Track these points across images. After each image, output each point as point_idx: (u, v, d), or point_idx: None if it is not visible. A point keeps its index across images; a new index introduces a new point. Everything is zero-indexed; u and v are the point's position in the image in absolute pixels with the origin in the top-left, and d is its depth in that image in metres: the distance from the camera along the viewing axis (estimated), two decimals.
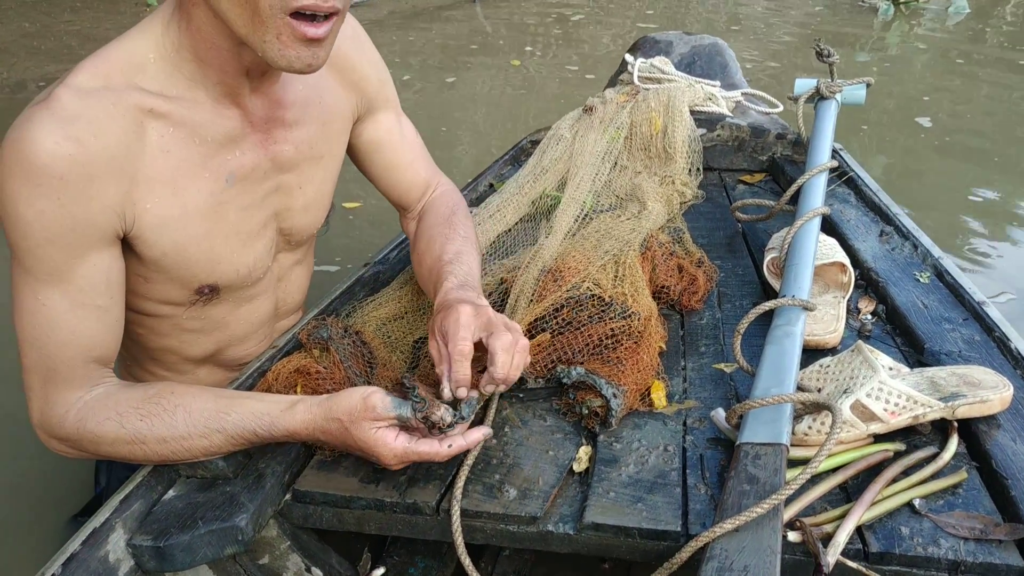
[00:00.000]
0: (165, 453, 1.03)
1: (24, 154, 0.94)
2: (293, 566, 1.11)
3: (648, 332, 1.26)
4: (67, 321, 1.02)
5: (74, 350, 1.04)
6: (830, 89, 2.05)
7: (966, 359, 1.24)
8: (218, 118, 1.10)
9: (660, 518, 0.98)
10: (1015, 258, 3.29)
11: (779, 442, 1.01)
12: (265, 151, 1.17)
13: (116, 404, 1.04)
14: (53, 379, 1.04)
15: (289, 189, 1.24)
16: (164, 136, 1.05)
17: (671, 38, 2.54)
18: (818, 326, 1.34)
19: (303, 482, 1.08)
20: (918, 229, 1.66)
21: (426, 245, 1.36)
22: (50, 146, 0.94)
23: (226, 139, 1.12)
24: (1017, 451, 1.04)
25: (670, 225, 1.71)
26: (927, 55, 6.68)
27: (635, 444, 1.11)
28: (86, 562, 0.93)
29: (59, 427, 1.04)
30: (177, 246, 1.10)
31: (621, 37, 7.46)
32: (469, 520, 1.01)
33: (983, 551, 0.91)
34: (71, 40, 6.61)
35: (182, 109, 1.06)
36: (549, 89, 5.71)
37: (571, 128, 2.09)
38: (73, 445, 1.06)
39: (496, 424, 1.17)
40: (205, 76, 1.06)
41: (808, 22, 8.29)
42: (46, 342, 1.02)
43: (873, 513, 0.96)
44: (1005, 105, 5.40)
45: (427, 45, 6.98)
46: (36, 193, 0.95)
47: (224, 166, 1.12)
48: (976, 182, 3.96)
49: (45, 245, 0.98)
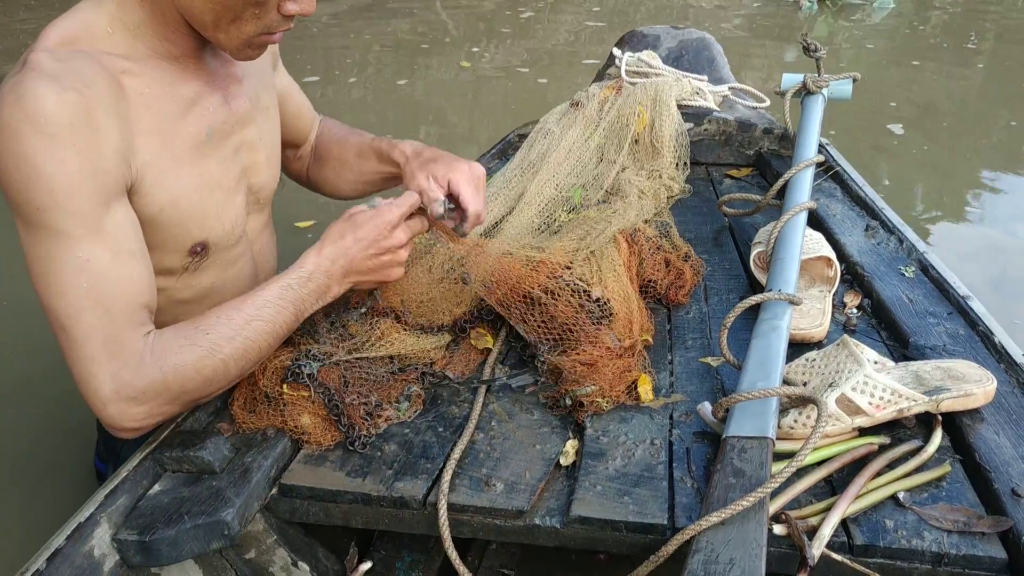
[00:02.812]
0: (239, 352, 1.08)
1: (29, 110, 0.95)
2: (279, 560, 1.10)
3: (622, 315, 1.26)
4: (113, 271, 1.02)
5: (128, 297, 1.04)
6: (817, 84, 2.05)
7: (950, 353, 1.25)
8: (183, 79, 1.15)
9: (646, 511, 0.98)
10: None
11: (765, 436, 1.01)
12: (228, 107, 1.23)
13: (177, 334, 1.07)
14: (117, 335, 1.02)
15: (252, 144, 1.30)
16: (143, 93, 1.09)
17: (658, 32, 2.54)
18: (804, 320, 1.34)
19: (290, 476, 1.08)
20: (903, 224, 1.67)
21: (340, 141, 1.58)
22: (52, 96, 0.96)
23: (195, 96, 1.17)
24: (1000, 444, 1.05)
25: (657, 219, 1.72)
26: (852, 51, 6.75)
27: (622, 438, 1.11)
28: (70, 557, 0.92)
29: (140, 377, 1.02)
30: (172, 198, 1.13)
31: (574, 33, 7.48)
32: (456, 514, 1.01)
33: (966, 543, 0.92)
34: (28, 39, 6.57)
35: (149, 71, 1.11)
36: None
37: (558, 122, 2.09)
38: (160, 391, 1.04)
39: (483, 418, 1.17)
40: (165, 49, 1.13)
41: (755, 15, 8.39)
42: (99, 298, 1.01)
43: (858, 506, 0.96)
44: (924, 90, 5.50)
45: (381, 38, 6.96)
46: (52, 144, 0.96)
47: (201, 120, 1.18)
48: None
49: (72, 196, 0.98)
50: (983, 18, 8.51)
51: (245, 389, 1.17)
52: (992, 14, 8.68)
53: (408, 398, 1.20)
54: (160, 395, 1.05)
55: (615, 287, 1.31)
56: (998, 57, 6.92)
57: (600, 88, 2.18)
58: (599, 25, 7.94)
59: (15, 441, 2.10)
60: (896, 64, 6.28)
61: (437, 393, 1.24)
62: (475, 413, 1.17)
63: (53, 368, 2.29)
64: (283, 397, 1.14)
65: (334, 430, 1.12)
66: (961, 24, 8.22)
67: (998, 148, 4.55)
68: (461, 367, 1.29)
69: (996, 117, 5.17)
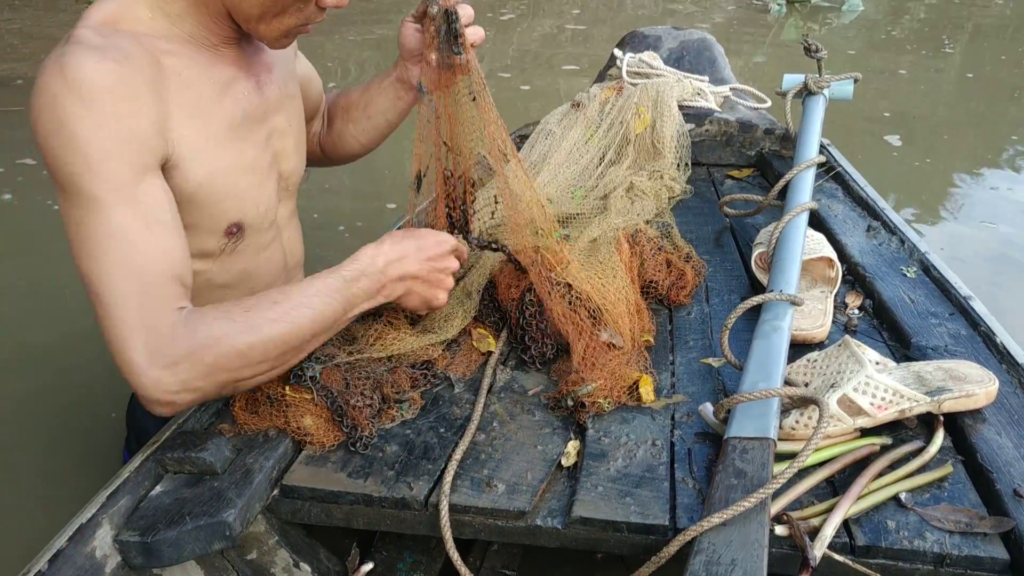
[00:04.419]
0: (280, 336, 1.06)
1: (70, 76, 0.97)
2: (281, 562, 1.10)
3: (621, 315, 1.27)
4: (146, 239, 1.02)
5: (161, 266, 1.03)
6: (818, 84, 2.05)
7: (952, 353, 1.25)
8: (219, 64, 1.19)
9: (648, 512, 0.98)
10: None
11: (767, 436, 1.01)
12: (261, 94, 1.26)
13: (215, 308, 1.06)
14: (150, 301, 1.01)
15: (283, 131, 1.33)
16: (181, 73, 1.12)
17: (660, 33, 2.54)
18: (805, 321, 1.34)
19: (291, 477, 1.08)
20: (904, 224, 1.67)
21: (342, 94, 1.61)
22: (93, 64, 0.99)
23: (231, 80, 1.20)
24: (1002, 445, 1.05)
25: (658, 220, 1.72)
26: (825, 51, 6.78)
27: (623, 439, 1.11)
28: (72, 558, 0.93)
29: (173, 345, 1.00)
30: (209, 175, 1.15)
31: (553, 37, 7.47)
32: (457, 515, 1.01)
33: (968, 544, 0.92)
34: (12, 39, 6.60)
35: (187, 54, 1.14)
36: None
37: (559, 123, 2.09)
38: (193, 361, 1.01)
39: (485, 419, 1.17)
40: (203, 36, 1.16)
41: (731, 18, 8.41)
42: (132, 265, 1.01)
43: (860, 507, 0.96)
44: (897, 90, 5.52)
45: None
46: (90, 109, 0.98)
47: (236, 103, 1.21)
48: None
49: (108, 160, 0.99)
50: (955, 20, 8.54)
51: (246, 391, 1.17)
52: (962, 18, 8.72)
53: (409, 399, 1.20)
54: (194, 365, 1.01)
55: (613, 288, 1.31)
56: (972, 57, 6.97)
57: (601, 89, 2.18)
58: (580, 28, 7.94)
59: (46, 431, 2.17)
60: (869, 65, 6.31)
61: (438, 394, 1.24)
62: (476, 414, 1.16)
63: (88, 359, 2.37)
64: (285, 398, 1.14)
65: (336, 431, 1.12)
66: (934, 25, 8.25)
67: (974, 148, 4.60)
68: (463, 368, 1.29)
69: (971, 117, 5.21)
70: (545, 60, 6.52)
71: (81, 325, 2.54)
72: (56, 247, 2.80)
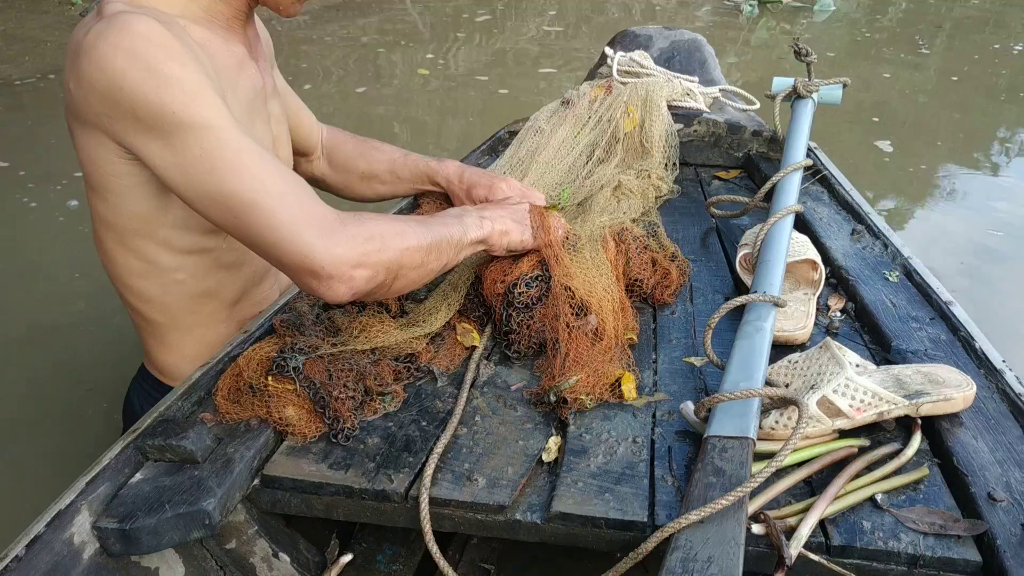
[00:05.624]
0: (428, 242, 1.16)
1: (137, 31, 1.02)
2: (260, 551, 1.10)
3: (606, 311, 1.28)
4: (271, 155, 1.09)
5: (296, 175, 1.11)
6: (807, 88, 2.06)
7: (932, 358, 1.26)
8: (233, 41, 1.25)
9: (627, 509, 0.98)
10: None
11: (746, 436, 1.02)
12: (262, 78, 1.32)
13: (363, 213, 1.15)
14: (308, 196, 1.08)
15: (278, 118, 1.38)
16: (204, 45, 1.17)
17: (651, 32, 2.54)
18: (788, 322, 1.35)
19: (272, 467, 1.08)
20: (888, 228, 1.68)
21: (364, 156, 1.69)
22: (150, 21, 1.04)
23: (243, 57, 1.26)
24: (978, 449, 1.06)
25: (645, 219, 1.72)
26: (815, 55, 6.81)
27: (604, 435, 1.12)
28: (50, 544, 0.92)
29: (344, 227, 1.07)
30: None
31: (531, 39, 7.48)
32: (438, 508, 1.02)
33: (942, 546, 0.93)
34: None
35: (205, 28, 1.19)
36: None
37: (548, 120, 2.10)
38: (367, 239, 1.08)
39: (467, 413, 1.18)
40: (218, 10, 1.22)
41: (705, 19, 8.45)
42: (276, 168, 1.08)
43: (836, 507, 0.97)
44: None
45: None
46: (169, 53, 1.03)
47: (250, 79, 1.27)
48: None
49: (204, 90, 1.05)
50: (928, 19, 8.57)
51: (229, 379, 1.17)
52: (937, 16, 8.74)
53: (392, 392, 1.20)
54: (368, 240, 1.08)
55: (599, 284, 1.32)
56: (947, 57, 7.01)
57: (591, 87, 2.18)
58: (557, 29, 7.93)
59: (40, 423, 2.20)
60: (843, 66, 6.35)
61: (421, 387, 1.24)
62: (459, 408, 1.17)
63: (80, 351, 2.39)
64: (268, 388, 1.13)
65: (318, 422, 1.12)
66: (908, 24, 8.28)
67: (953, 146, 4.65)
68: (446, 362, 1.29)
69: (948, 114, 5.25)
70: (523, 62, 6.51)
71: (69, 312, 2.54)
72: (34, 243, 2.82)
